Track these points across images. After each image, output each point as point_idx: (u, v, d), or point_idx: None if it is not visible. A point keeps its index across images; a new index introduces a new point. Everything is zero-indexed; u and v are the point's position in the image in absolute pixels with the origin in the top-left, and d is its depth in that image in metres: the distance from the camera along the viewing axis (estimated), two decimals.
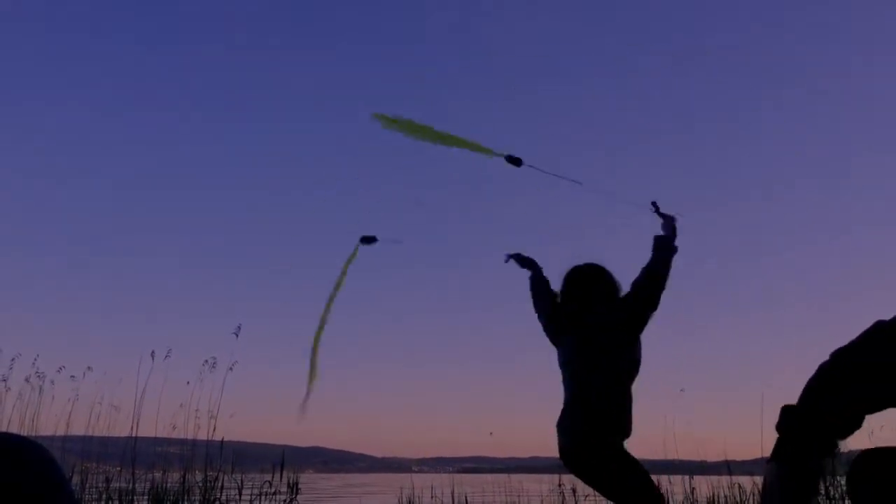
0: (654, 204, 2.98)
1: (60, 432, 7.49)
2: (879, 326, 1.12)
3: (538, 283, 3.20)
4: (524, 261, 3.31)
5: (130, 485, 6.77)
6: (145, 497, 6.67)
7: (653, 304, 2.81)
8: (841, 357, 1.14)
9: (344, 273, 3.35)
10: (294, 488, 7.83)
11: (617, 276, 2.98)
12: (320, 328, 3.35)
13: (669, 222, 2.92)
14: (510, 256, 3.36)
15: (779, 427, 1.16)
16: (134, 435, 7.11)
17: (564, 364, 2.88)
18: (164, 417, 7.46)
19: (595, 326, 2.81)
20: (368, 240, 3.32)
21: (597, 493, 2.83)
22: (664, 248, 2.85)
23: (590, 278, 2.94)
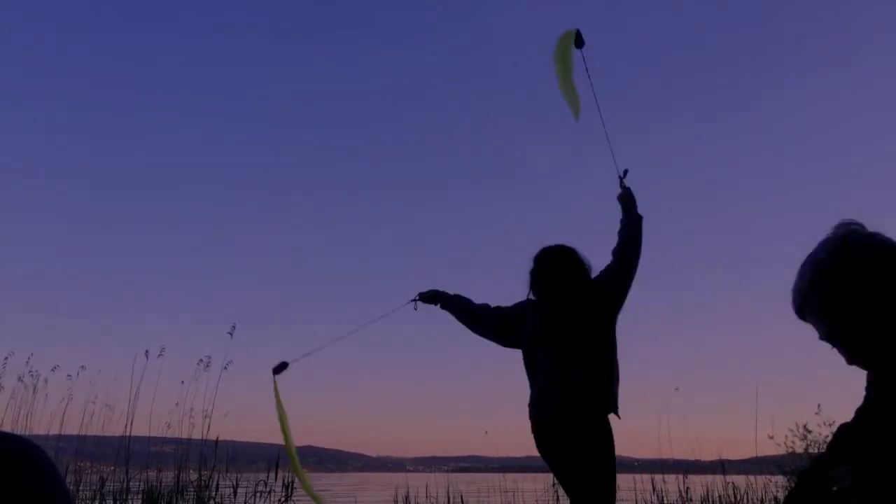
0: (625, 172, 3.03)
1: (54, 431, 7.47)
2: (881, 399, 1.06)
3: (462, 309, 3.23)
4: (432, 297, 3.31)
5: (124, 484, 6.75)
6: (139, 496, 6.64)
7: (634, 267, 2.87)
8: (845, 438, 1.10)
9: (282, 419, 3.14)
10: (289, 488, 7.81)
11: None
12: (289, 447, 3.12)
13: (628, 193, 2.97)
14: (416, 300, 3.34)
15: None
16: (128, 434, 7.09)
17: (543, 344, 2.85)
18: (158, 416, 7.42)
19: (576, 305, 2.83)
20: (279, 368, 3.21)
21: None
22: (630, 207, 2.92)
23: (562, 259, 2.95)
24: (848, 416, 1.13)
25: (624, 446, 2.77)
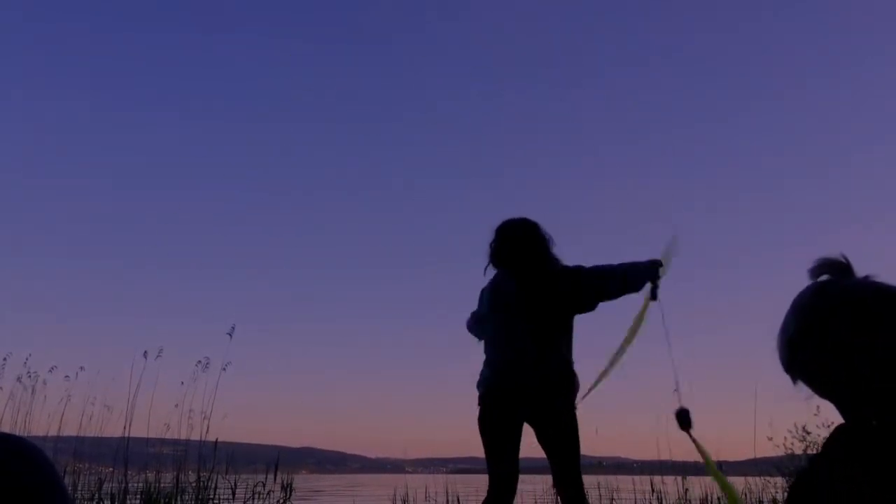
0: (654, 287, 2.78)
1: (52, 433, 7.45)
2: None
3: None
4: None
5: (123, 485, 6.74)
6: (138, 498, 6.64)
7: (608, 297, 2.80)
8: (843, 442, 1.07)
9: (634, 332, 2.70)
10: (288, 489, 7.82)
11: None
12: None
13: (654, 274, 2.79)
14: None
15: None
16: (126, 435, 7.08)
17: (504, 311, 2.79)
18: (157, 418, 7.43)
19: (540, 273, 2.80)
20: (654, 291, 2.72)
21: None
22: (646, 273, 2.77)
23: (524, 227, 2.90)
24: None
25: (623, 448, 2.78)
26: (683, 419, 2.60)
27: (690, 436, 2.61)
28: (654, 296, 2.74)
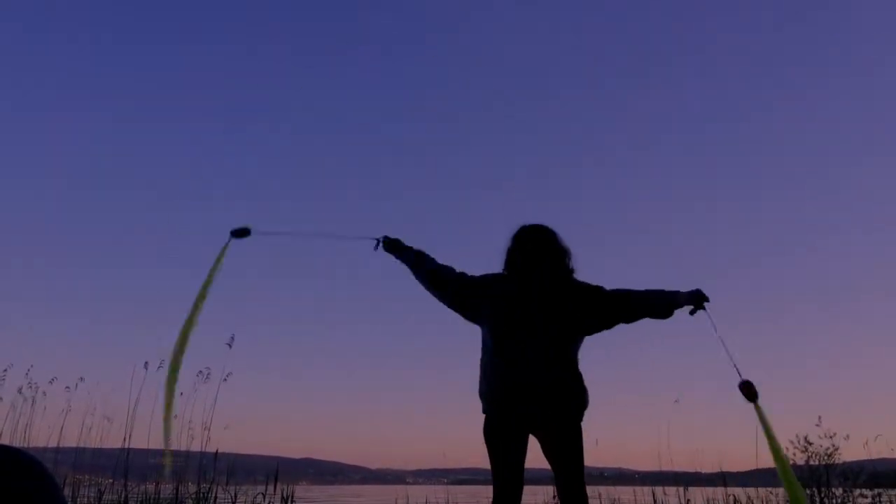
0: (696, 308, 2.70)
1: (52, 444, 7.44)
2: None
3: (424, 270, 2.98)
4: (395, 246, 3.07)
5: (123, 497, 6.73)
6: None
7: (625, 320, 2.80)
8: None
9: (211, 277, 2.75)
10: (288, 500, 7.80)
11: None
12: (180, 349, 2.55)
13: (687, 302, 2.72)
14: (380, 241, 3.08)
15: None
16: (127, 446, 7.07)
17: (515, 322, 2.73)
18: (157, 429, 7.41)
19: (558, 279, 2.78)
20: (240, 233, 2.87)
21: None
22: (672, 304, 2.74)
23: (544, 233, 2.87)
24: (848, 428, 1.11)
25: (624, 459, 2.77)
26: (749, 391, 2.60)
27: (757, 407, 2.57)
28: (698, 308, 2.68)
